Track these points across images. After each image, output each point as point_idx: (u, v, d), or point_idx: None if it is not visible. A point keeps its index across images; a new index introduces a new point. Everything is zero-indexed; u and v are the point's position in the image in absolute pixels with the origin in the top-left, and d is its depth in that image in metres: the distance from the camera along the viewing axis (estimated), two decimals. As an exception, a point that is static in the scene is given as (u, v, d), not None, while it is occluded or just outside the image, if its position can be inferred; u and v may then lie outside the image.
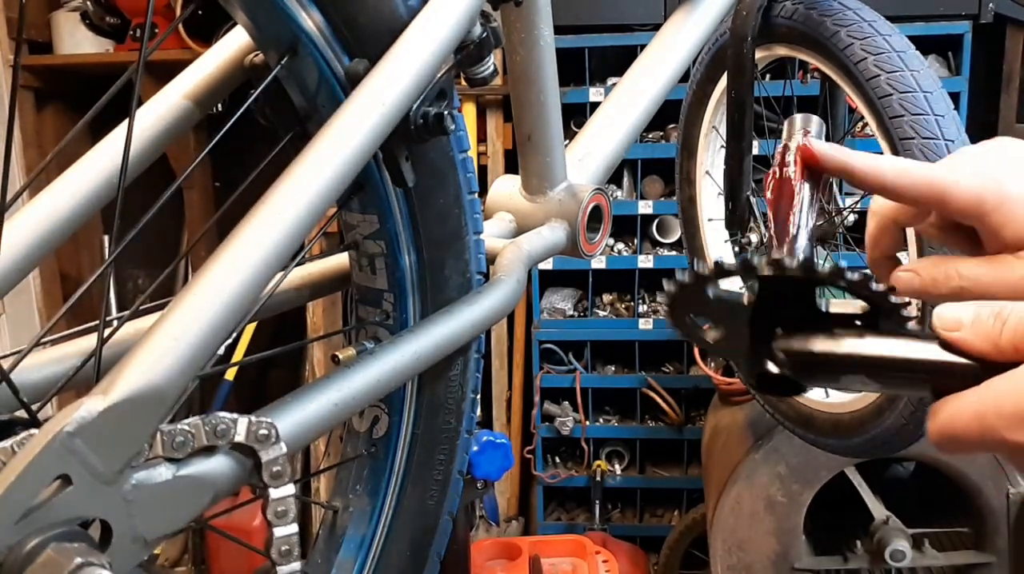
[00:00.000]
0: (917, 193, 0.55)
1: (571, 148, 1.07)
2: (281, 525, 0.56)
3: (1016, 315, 0.45)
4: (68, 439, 0.47)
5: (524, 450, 2.73)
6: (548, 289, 2.71)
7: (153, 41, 2.18)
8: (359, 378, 0.66)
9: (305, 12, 0.62)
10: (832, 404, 1.28)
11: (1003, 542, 1.78)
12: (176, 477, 0.53)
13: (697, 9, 1.18)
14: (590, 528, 2.63)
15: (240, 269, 0.53)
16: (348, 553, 0.81)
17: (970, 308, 0.47)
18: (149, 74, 2.40)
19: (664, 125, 2.54)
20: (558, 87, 0.95)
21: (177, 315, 0.52)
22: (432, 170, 0.72)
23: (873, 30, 1.07)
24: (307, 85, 0.65)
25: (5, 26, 2.66)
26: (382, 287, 0.76)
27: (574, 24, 2.44)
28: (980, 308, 0.46)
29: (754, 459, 1.82)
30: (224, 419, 0.54)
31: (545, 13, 0.90)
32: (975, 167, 0.55)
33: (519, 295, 0.82)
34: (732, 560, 1.87)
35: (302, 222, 0.56)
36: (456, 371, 0.81)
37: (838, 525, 1.94)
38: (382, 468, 0.82)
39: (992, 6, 2.32)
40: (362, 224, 0.73)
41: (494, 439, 1.69)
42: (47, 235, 0.64)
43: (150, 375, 0.50)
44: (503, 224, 1.00)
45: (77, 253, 2.95)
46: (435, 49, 0.64)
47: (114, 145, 0.67)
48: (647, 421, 2.69)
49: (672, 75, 1.14)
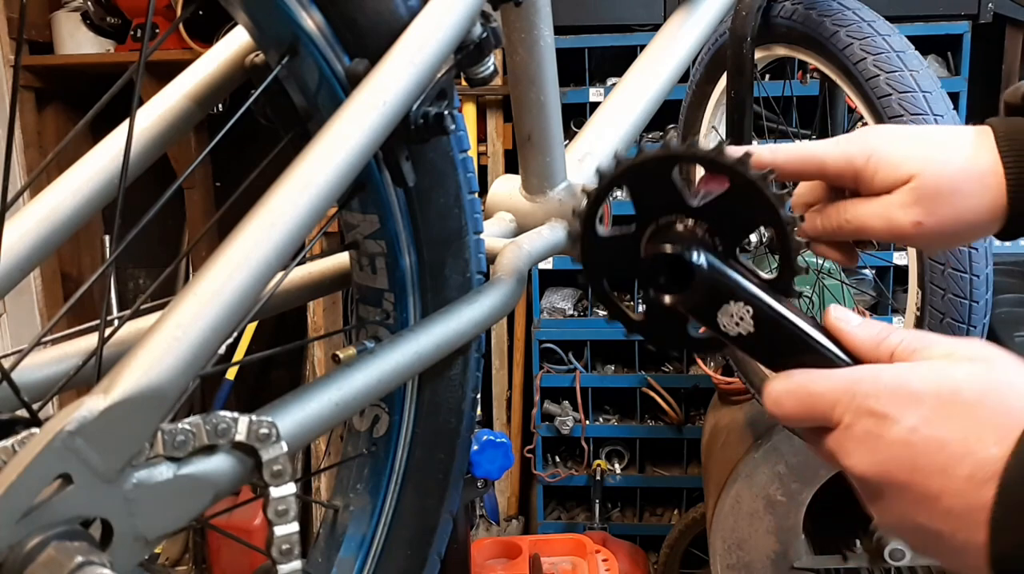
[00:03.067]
0: (798, 165, 0.64)
1: (571, 148, 1.07)
2: (282, 524, 0.56)
3: (897, 333, 0.52)
4: (69, 438, 0.47)
5: (524, 449, 2.73)
6: (548, 289, 2.71)
7: (154, 41, 2.18)
8: (359, 377, 0.66)
9: (306, 12, 0.62)
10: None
11: (1003, 541, 1.78)
12: (177, 476, 0.53)
13: (697, 9, 1.18)
14: (590, 527, 2.63)
15: (241, 268, 0.54)
16: (349, 552, 0.81)
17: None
18: (150, 74, 2.41)
19: (664, 125, 2.54)
20: (558, 87, 0.95)
21: (178, 314, 0.52)
22: (432, 170, 0.72)
23: (872, 30, 1.07)
24: (308, 85, 0.65)
25: (6, 26, 2.66)
26: (382, 287, 0.76)
27: (574, 24, 2.44)
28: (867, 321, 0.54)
29: (754, 458, 1.82)
30: (225, 418, 0.54)
31: (545, 13, 0.90)
32: (846, 138, 0.64)
33: (519, 295, 0.82)
34: (732, 559, 1.87)
35: (303, 222, 0.56)
36: (456, 370, 0.81)
37: (837, 524, 1.94)
38: (382, 467, 0.82)
39: (991, 6, 2.32)
40: (362, 224, 0.73)
41: (494, 438, 1.69)
42: (48, 235, 0.64)
43: (151, 374, 0.50)
44: (503, 224, 1.01)
45: (78, 253, 2.96)
46: (435, 49, 0.64)
47: (115, 145, 0.67)
48: (647, 420, 2.69)
49: (672, 75, 1.14)
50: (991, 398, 0.46)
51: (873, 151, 0.61)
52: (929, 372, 0.48)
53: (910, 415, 0.47)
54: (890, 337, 0.52)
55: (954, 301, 1.01)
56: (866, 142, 0.62)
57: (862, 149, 0.62)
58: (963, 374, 0.47)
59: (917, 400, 0.47)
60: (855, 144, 0.63)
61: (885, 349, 0.52)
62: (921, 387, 0.47)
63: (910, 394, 0.47)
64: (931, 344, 0.50)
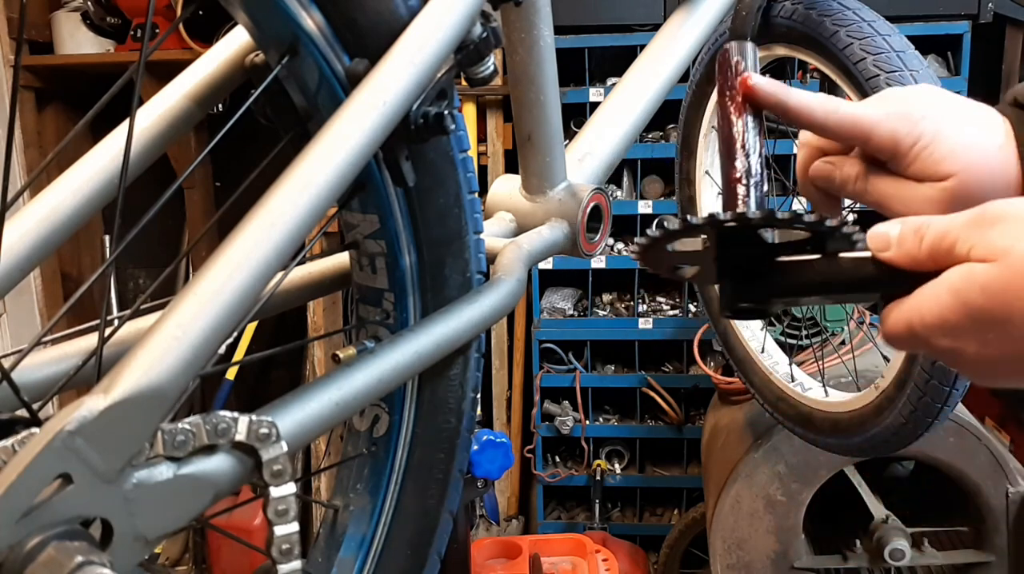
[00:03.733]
0: (843, 131, 0.62)
1: (571, 148, 1.07)
2: (282, 524, 0.56)
3: (933, 230, 0.51)
4: (69, 438, 0.47)
5: (524, 449, 2.73)
6: (548, 289, 2.71)
7: (154, 41, 2.18)
8: (360, 377, 0.66)
9: (306, 12, 0.62)
10: (831, 403, 1.28)
11: (1002, 541, 1.78)
12: (177, 476, 0.53)
13: (697, 9, 1.18)
14: (590, 527, 2.63)
15: (241, 268, 0.54)
16: (349, 552, 0.81)
17: (896, 226, 0.52)
18: (150, 74, 2.41)
19: (664, 125, 2.54)
20: (558, 87, 0.95)
21: (178, 314, 0.52)
22: (432, 170, 0.72)
23: (872, 30, 1.07)
24: (308, 85, 0.65)
25: (6, 26, 2.66)
26: (382, 286, 0.76)
27: (574, 24, 2.44)
28: (904, 226, 0.52)
29: (754, 458, 1.82)
30: (225, 418, 0.54)
31: (545, 13, 0.90)
32: (896, 108, 0.61)
33: (519, 294, 0.82)
34: (732, 559, 1.87)
35: (303, 222, 0.56)
36: (456, 370, 0.81)
37: (837, 524, 1.94)
38: (382, 467, 0.82)
39: (991, 6, 2.32)
40: (362, 224, 0.73)
41: (494, 438, 1.69)
42: (48, 235, 0.64)
43: (151, 374, 0.50)
44: (503, 223, 1.01)
45: (78, 253, 2.96)
46: (435, 49, 0.64)
47: (115, 145, 0.67)
48: (647, 420, 2.69)
49: (672, 75, 1.15)
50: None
51: (919, 138, 0.60)
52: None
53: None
54: (920, 247, 0.51)
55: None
56: (914, 126, 0.60)
57: (910, 133, 0.60)
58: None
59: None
60: (904, 124, 0.60)
61: (925, 257, 0.51)
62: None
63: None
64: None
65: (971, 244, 0.49)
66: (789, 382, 1.39)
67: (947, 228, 0.50)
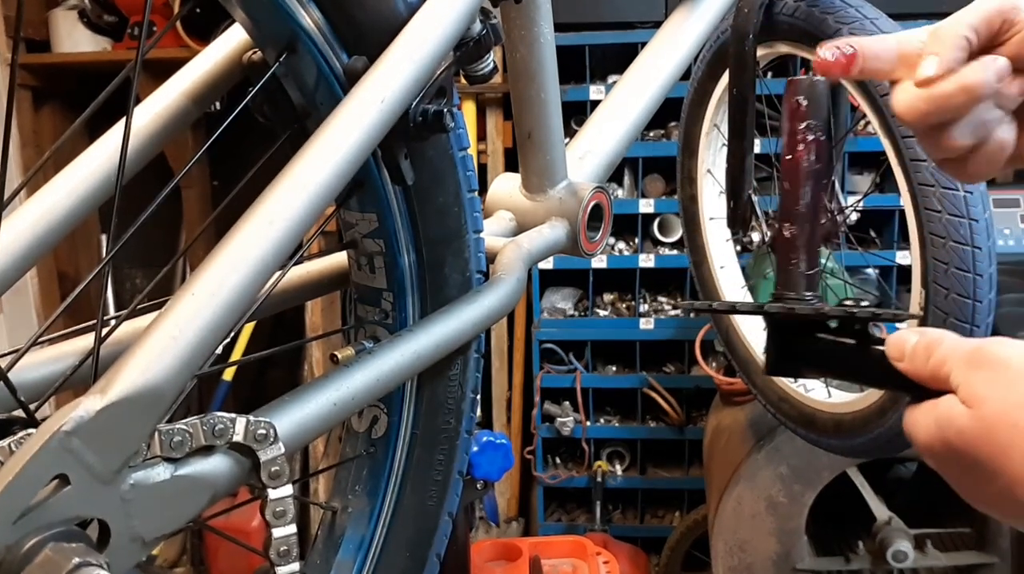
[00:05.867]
0: (988, 17, 0.56)
1: (572, 146, 1.07)
2: (280, 525, 0.56)
3: (937, 354, 0.52)
4: (66, 439, 0.47)
5: (524, 450, 2.73)
6: (548, 288, 2.71)
7: (151, 39, 2.18)
8: (358, 378, 0.66)
9: (304, 9, 0.61)
10: (834, 404, 1.28)
11: (1006, 543, 1.78)
12: (174, 477, 0.53)
13: (698, 6, 1.17)
14: (591, 529, 2.63)
15: (238, 268, 0.53)
16: (347, 554, 0.81)
17: (913, 337, 0.54)
18: (147, 72, 2.40)
19: (665, 123, 2.54)
20: (558, 85, 0.95)
21: (175, 314, 0.52)
22: (431, 168, 0.71)
23: (875, 28, 1.07)
24: (306, 83, 0.65)
25: (2, 24, 2.65)
26: (381, 286, 0.76)
27: (574, 21, 2.43)
28: (920, 339, 0.54)
29: (756, 459, 1.81)
30: (222, 419, 0.54)
31: (545, 10, 0.90)
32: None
33: (519, 294, 0.82)
34: (733, 561, 1.87)
35: (300, 220, 0.56)
36: (456, 371, 0.81)
37: (840, 526, 1.93)
38: (381, 468, 0.82)
39: (993, 5, 2.31)
40: (361, 222, 0.73)
41: (494, 439, 1.68)
42: (44, 234, 0.64)
43: (148, 374, 0.49)
44: (503, 223, 1.00)
45: (75, 252, 2.95)
46: (434, 46, 0.63)
47: (111, 143, 0.67)
48: (648, 421, 2.69)
49: (673, 73, 1.14)
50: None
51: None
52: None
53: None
54: (927, 365, 0.53)
55: (958, 301, 1.01)
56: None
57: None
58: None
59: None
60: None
61: (927, 376, 0.53)
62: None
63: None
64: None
65: (959, 382, 0.51)
66: (792, 382, 1.38)
67: (947, 357, 0.52)
